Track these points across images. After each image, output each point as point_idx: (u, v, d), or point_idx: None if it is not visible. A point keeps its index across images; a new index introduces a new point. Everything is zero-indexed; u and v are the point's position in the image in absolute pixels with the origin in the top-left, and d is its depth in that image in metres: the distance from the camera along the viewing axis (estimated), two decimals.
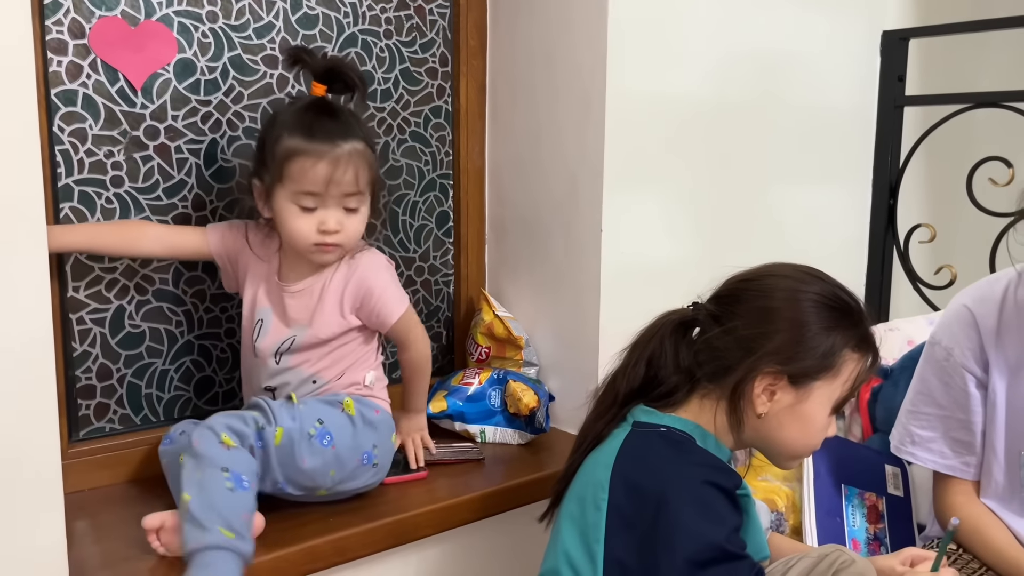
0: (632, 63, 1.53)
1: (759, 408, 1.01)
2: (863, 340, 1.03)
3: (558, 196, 1.62)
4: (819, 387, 1.01)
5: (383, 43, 1.59)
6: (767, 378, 1.01)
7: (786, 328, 1.01)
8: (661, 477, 0.96)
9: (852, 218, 1.96)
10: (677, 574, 0.90)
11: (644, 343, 1.08)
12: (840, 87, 1.91)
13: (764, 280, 1.06)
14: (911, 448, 1.27)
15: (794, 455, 1.07)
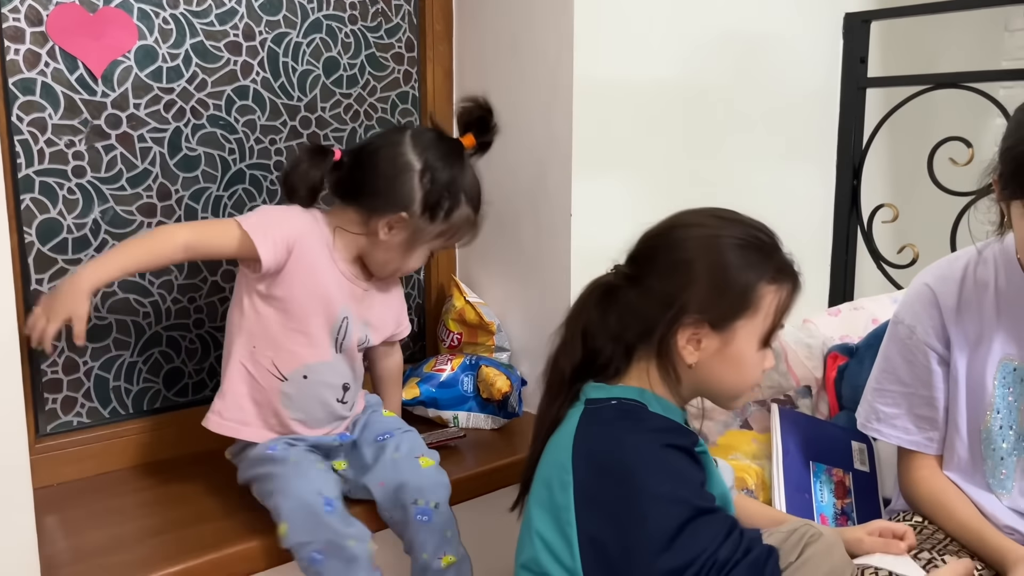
0: (599, 48, 1.53)
1: (688, 359, 1.01)
2: (778, 271, 1.03)
3: (527, 181, 1.62)
4: (742, 326, 1.01)
5: (348, 28, 1.57)
6: (689, 328, 1.00)
7: (698, 276, 1.00)
8: (620, 450, 0.97)
9: (817, 199, 1.99)
10: (654, 544, 0.91)
11: (576, 316, 1.08)
12: (804, 69, 1.93)
13: (673, 232, 1.06)
14: (876, 425, 1.29)
15: (736, 395, 1.07)
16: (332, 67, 1.56)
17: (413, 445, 1.29)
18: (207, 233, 1.19)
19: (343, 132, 1.59)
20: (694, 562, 0.90)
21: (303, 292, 1.23)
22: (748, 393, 1.07)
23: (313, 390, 1.26)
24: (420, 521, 1.22)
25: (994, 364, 1.18)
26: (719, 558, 0.90)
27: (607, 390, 1.04)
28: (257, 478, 1.21)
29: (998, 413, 1.18)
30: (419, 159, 1.23)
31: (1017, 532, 1.16)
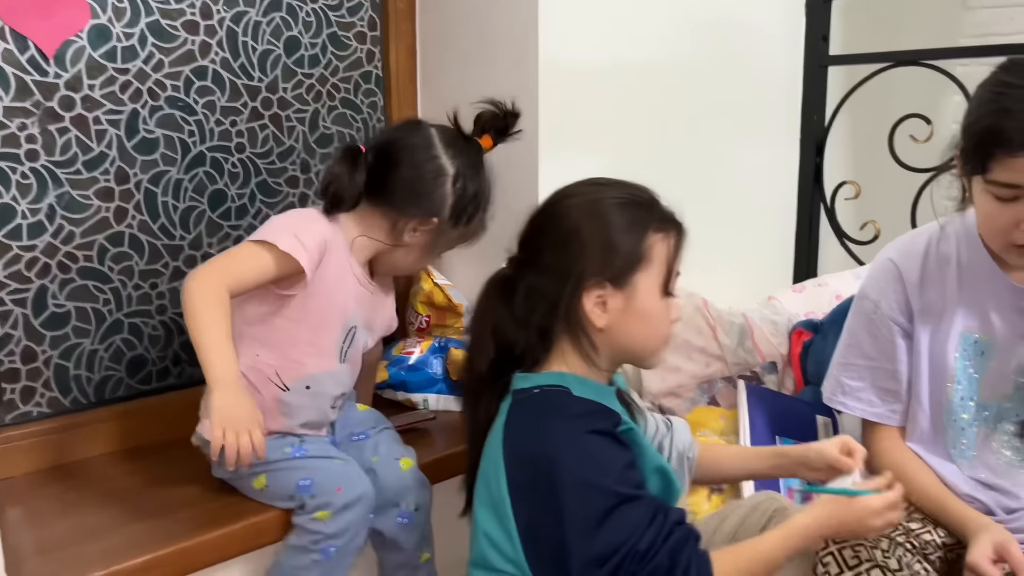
0: (564, 27, 1.52)
1: (598, 322, 1.02)
2: (661, 220, 1.05)
3: (493, 161, 1.60)
4: (641, 279, 1.02)
5: (309, 7, 1.55)
6: (592, 292, 1.01)
7: (588, 240, 1.01)
8: (542, 440, 0.97)
9: (781, 177, 2.00)
10: (579, 533, 0.92)
11: (481, 316, 1.08)
12: (767, 48, 1.93)
13: (555, 207, 1.07)
14: (842, 398, 1.31)
15: (652, 350, 1.08)
16: (293, 46, 1.53)
17: (391, 446, 1.28)
18: (242, 270, 1.12)
19: (305, 113, 1.56)
20: (617, 551, 0.91)
21: (323, 303, 1.19)
22: (663, 347, 1.08)
23: (314, 400, 1.23)
24: (400, 523, 1.24)
25: (956, 337, 1.20)
26: (640, 548, 0.91)
27: (531, 379, 1.04)
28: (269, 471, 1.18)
29: (959, 384, 1.20)
30: (452, 164, 1.21)
31: (977, 500, 1.19)
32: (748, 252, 1.93)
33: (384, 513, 1.23)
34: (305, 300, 1.17)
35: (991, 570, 1.06)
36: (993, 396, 1.19)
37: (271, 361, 1.19)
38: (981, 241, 1.18)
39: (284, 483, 1.17)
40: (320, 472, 1.17)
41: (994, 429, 1.20)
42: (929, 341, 1.22)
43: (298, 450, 1.20)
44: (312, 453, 1.20)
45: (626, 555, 0.91)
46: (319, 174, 1.60)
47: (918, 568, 1.08)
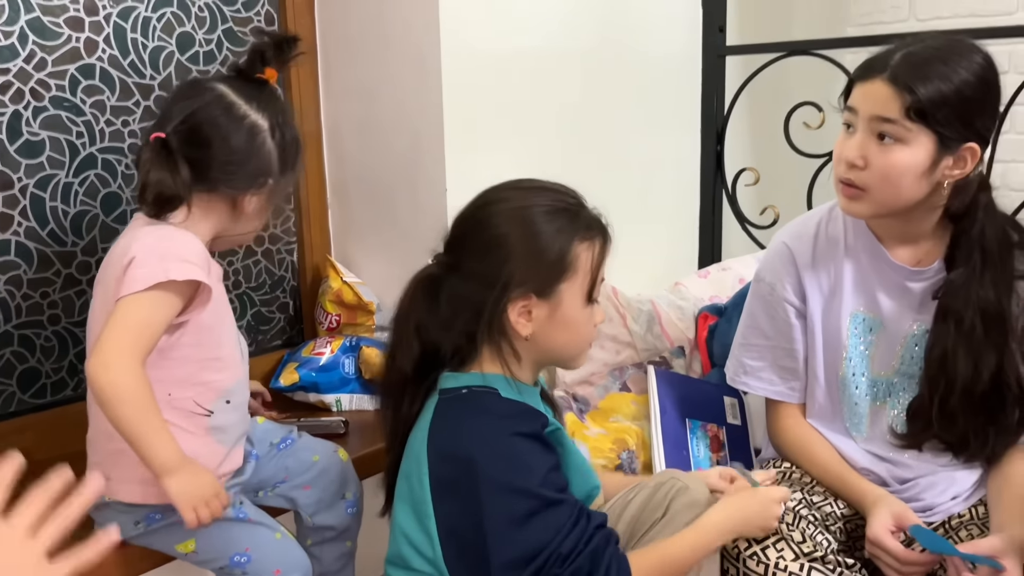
0: (466, 16, 1.52)
1: (522, 331, 1.01)
2: (587, 228, 1.04)
3: (400, 156, 1.60)
4: (566, 288, 1.02)
5: (202, 2, 1.50)
6: (518, 302, 1.01)
7: (514, 249, 1.00)
8: (468, 441, 0.97)
9: (684, 164, 2.05)
10: (501, 535, 0.93)
11: (404, 314, 1.06)
12: (667, 38, 1.97)
13: (482, 211, 1.06)
14: (744, 378, 1.36)
15: (575, 355, 1.09)
16: (187, 43, 1.48)
17: (323, 442, 1.29)
18: (151, 332, 1.03)
19: None
20: (539, 554, 0.92)
21: (215, 314, 1.11)
22: (586, 350, 1.09)
23: (237, 412, 1.17)
24: (351, 513, 1.26)
25: (847, 315, 1.25)
26: (562, 551, 0.93)
27: (459, 379, 1.04)
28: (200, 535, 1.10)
29: (851, 361, 1.26)
30: (263, 117, 1.11)
31: (873, 473, 1.25)
32: (654, 239, 1.97)
33: (333, 507, 1.24)
34: (198, 320, 1.09)
35: (890, 541, 1.11)
36: (882, 372, 1.25)
37: (186, 394, 1.10)
38: (865, 221, 1.24)
39: (217, 551, 1.11)
40: (259, 549, 1.12)
41: (884, 403, 1.26)
42: (822, 320, 1.28)
43: (239, 511, 1.14)
44: (252, 517, 1.15)
45: (548, 557, 0.92)
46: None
47: (820, 539, 1.12)
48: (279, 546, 1.14)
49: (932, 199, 1.15)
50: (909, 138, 1.09)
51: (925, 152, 1.10)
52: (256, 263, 1.63)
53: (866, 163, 1.12)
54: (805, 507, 1.19)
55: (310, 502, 1.24)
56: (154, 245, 1.05)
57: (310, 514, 1.24)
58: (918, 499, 1.21)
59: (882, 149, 1.11)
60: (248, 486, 1.22)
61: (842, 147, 1.15)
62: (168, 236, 1.08)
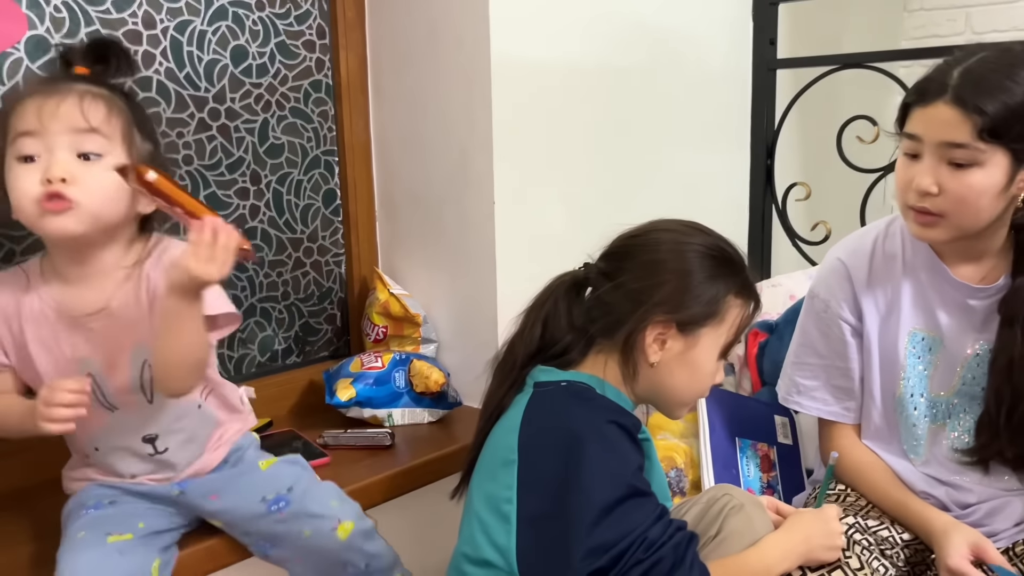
0: (515, 31, 1.52)
1: (651, 357, 1.04)
2: (744, 287, 1.07)
3: (448, 169, 1.60)
4: (706, 333, 1.05)
5: (255, 15, 1.52)
6: (657, 327, 1.03)
7: (672, 278, 1.04)
8: (567, 422, 0.99)
9: (733, 179, 2.02)
10: (589, 516, 0.92)
11: (539, 306, 1.10)
12: (717, 52, 1.95)
13: (650, 235, 1.09)
14: (797, 397, 1.33)
15: (685, 402, 1.10)
16: (240, 56, 1.50)
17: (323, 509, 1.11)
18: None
19: (254, 123, 1.53)
20: (625, 537, 0.91)
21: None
22: (693, 403, 1.11)
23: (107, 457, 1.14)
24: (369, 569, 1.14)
25: (904, 334, 1.22)
26: (649, 536, 0.92)
27: (557, 374, 1.06)
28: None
29: (908, 381, 1.22)
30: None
31: (933, 497, 1.21)
32: None
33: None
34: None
35: (974, 573, 1.07)
36: (942, 392, 1.22)
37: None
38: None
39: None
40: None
41: (944, 425, 1.22)
42: (879, 338, 1.24)
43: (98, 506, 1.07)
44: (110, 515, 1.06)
45: (633, 542, 0.91)
46: (269, 185, 1.57)
47: (878, 566, 1.09)
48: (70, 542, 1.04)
49: (1004, 215, 1.12)
50: (983, 159, 1.05)
51: (1001, 171, 1.06)
52: (304, 274, 1.64)
53: (940, 189, 1.08)
54: (859, 532, 1.16)
55: (304, 570, 1.13)
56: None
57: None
58: (981, 525, 1.17)
59: (956, 174, 1.07)
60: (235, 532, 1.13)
61: (908, 173, 1.11)
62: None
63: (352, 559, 1.12)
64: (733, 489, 1.12)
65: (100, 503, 1.09)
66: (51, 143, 0.96)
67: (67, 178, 0.96)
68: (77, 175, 0.96)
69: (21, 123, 0.97)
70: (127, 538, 1.02)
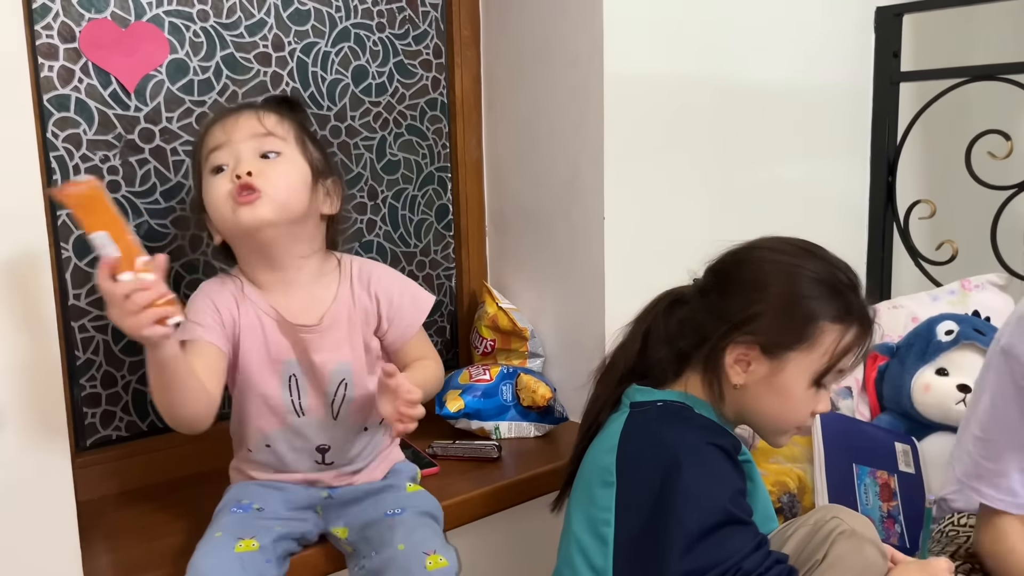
0: (628, 47, 1.52)
1: (734, 379, 1.01)
2: (845, 311, 1.01)
3: (558, 185, 1.61)
4: (794, 358, 1.00)
5: (376, 36, 1.57)
6: (739, 347, 1.00)
7: (761, 299, 1.00)
8: (666, 444, 0.97)
9: (851, 195, 1.96)
10: (683, 541, 0.90)
11: (642, 319, 1.10)
12: (836, 65, 1.90)
13: (752, 253, 1.07)
14: (977, 484, 1.09)
15: (778, 429, 1.05)
16: (361, 75, 1.56)
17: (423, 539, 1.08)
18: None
19: (372, 140, 1.59)
20: (718, 565, 0.89)
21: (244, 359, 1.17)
22: (790, 432, 1.05)
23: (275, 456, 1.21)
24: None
25: None
26: (744, 567, 0.89)
27: (652, 394, 1.05)
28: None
29: None
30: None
31: None
32: None
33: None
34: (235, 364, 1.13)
35: None
36: None
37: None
38: None
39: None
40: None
41: None
42: None
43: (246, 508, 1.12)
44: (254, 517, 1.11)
45: (727, 571, 0.89)
46: (385, 200, 1.62)
47: None
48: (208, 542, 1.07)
49: None
50: None
51: None
52: None
53: None
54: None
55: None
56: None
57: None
58: None
59: None
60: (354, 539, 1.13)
61: None
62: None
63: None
64: (843, 511, 1.03)
65: (248, 505, 1.13)
66: (236, 150, 1.11)
67: (253, 172, 1.08)
68: (262, 169, 1.09)
69: (211, 141, 1.12)
70: (253, 549, 1.05)
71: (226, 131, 1.12)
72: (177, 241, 1.38)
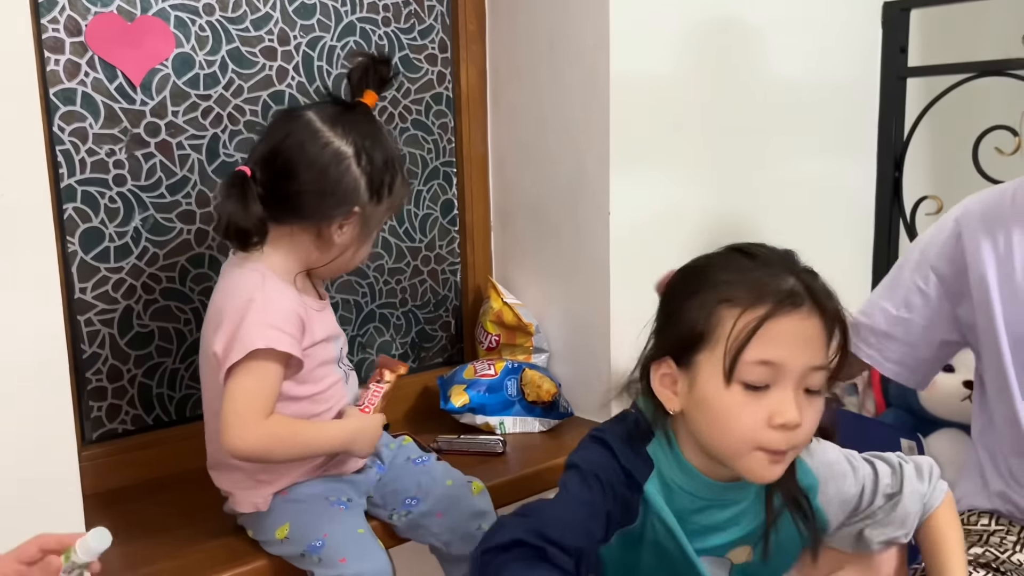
0: (635, 42, 1.51)
1: (668, 405, 0.88)
2: (734, 288, 0.85)
3: (564, 180, 1.61)
4: (703, 360, 0.85)
5: (381, 31, 1.57)
6: (660, 367, 0.89)
7: (662, 307, 0.92)
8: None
9: (858, 191, 1.95)
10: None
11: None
12: (843, 60, 1.89)
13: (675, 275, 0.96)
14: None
15: (730, 455, 0.86)
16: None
17: (458, 473, 1.25)
18: (270, 394, 1.07)
19: None
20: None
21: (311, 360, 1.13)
22: (747, 454, 0.85)
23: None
24: None
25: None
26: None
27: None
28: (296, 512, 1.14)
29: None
30: (347, 143, 1.09)
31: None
32: (824, 269, 1.88)
33: (468, 537, 1.18)
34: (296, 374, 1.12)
35: None
36: None
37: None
38: None
39: (303, 534, 1.10)
40: (335, 535, 1.08)
41: None
42: None
43: (339, 501, 1.15)
44: (344, 508, 1.15)
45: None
46: None
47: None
48: (356, 538, 1.09)
49: None
50: None
51: None
52: (422, 282, 1.68)
53: None
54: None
55: (443, 530, 1.20)
56: (242, 309, 1.05)
57: (445, 543, 1.20)
58: None
59: None
60: (380, 497, 1.23)
61: None
62: (252, 298, 1.06)
63: (483, 517, 1.21)
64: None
65: (339, 501, 1.16)
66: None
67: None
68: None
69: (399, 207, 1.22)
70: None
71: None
72: (183, 235, 1.38)
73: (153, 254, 1.36)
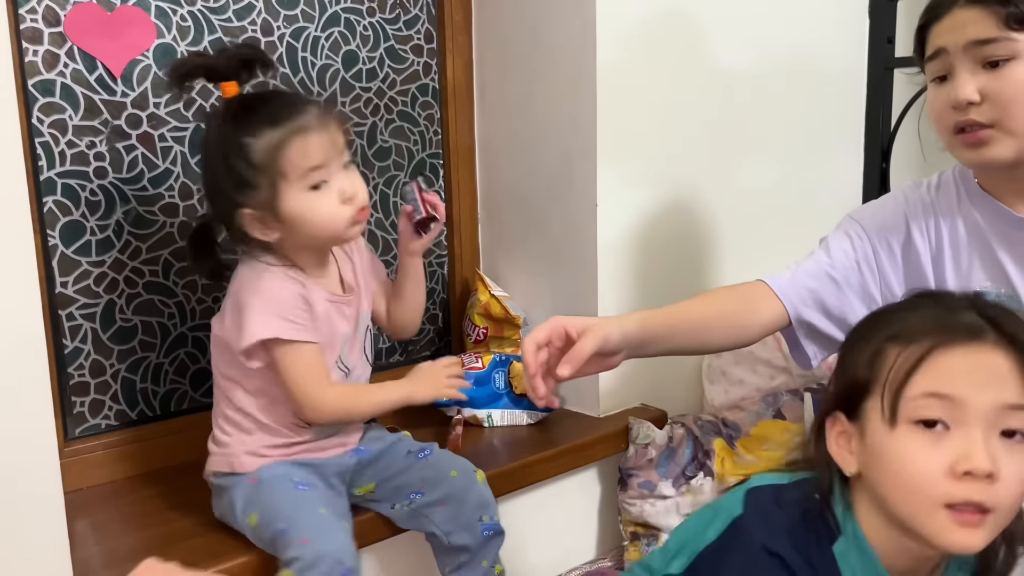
0: (621, 33, 1.51)
1: (845, 467, 0.79)
2: (910, 325, 0.78)
3: (551, 172, 1.60)
4: (870, 408, 0.77)
5: (366, 21, 1.56)
6: (835, 424, 0.81)
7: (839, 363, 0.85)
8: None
9: (845, 182, 1.95)
10: None
11: None
12: (829, 50, 1.89)
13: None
14: None
15: (913, 519, 0.74)
16: (351, 61, 1.54)
17: (463, 460, 1.26)
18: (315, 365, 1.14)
19: (363, 127, 1.57)
20: None
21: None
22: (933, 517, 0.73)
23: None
24: (486, 536, 1.22)
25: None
26: None
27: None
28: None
29: None
30: (232, 129, 1.09)
31: None
32: None
33: (470, 527, 1.20)
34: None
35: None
36: None
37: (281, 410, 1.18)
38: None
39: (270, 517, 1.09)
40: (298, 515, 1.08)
41: None
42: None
43: (301, 484, 1.14)
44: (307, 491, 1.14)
45: None
46: (376, 187, 1.60)
47: None
48: (318, 518, 1.09)
49: None
50: (1021, 50, 0.95)
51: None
52: None
53: (983, 95, 0.97)
54: None
55: (445, 519, 1.21)
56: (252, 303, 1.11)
57: (445, 533, 1.21)
58: None
59: (996, 74, 0.96)
60: (384, 491, 1.23)
61: (942, 94, 1.01)
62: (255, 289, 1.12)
63: (487, 508, 1.22)
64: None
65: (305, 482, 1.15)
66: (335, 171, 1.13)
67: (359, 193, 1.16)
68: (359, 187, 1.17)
69: (304, 159, 1.09)
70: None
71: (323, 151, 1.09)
72: (166, 228, 1.37)
73: (136, 247, 1.34)
